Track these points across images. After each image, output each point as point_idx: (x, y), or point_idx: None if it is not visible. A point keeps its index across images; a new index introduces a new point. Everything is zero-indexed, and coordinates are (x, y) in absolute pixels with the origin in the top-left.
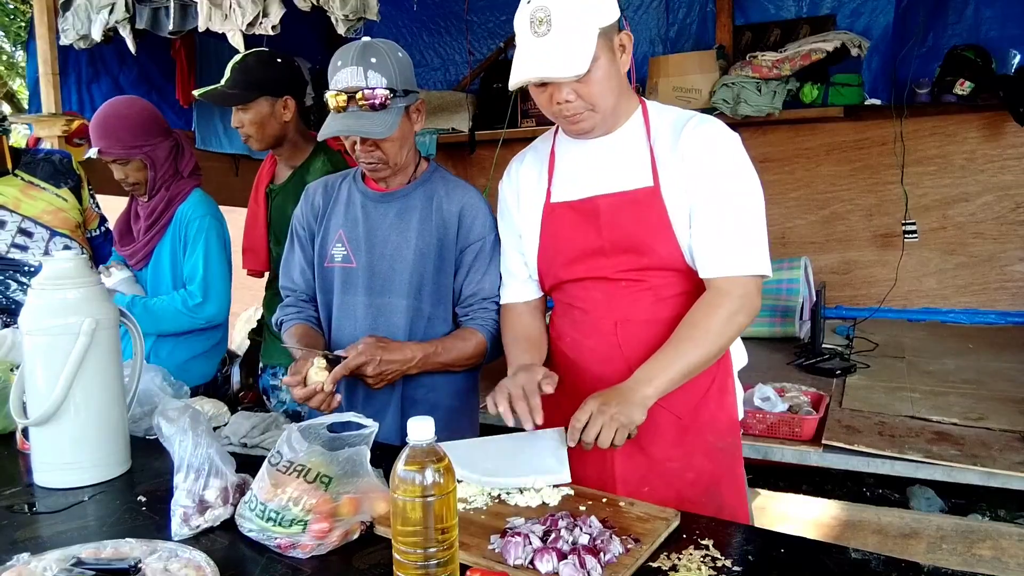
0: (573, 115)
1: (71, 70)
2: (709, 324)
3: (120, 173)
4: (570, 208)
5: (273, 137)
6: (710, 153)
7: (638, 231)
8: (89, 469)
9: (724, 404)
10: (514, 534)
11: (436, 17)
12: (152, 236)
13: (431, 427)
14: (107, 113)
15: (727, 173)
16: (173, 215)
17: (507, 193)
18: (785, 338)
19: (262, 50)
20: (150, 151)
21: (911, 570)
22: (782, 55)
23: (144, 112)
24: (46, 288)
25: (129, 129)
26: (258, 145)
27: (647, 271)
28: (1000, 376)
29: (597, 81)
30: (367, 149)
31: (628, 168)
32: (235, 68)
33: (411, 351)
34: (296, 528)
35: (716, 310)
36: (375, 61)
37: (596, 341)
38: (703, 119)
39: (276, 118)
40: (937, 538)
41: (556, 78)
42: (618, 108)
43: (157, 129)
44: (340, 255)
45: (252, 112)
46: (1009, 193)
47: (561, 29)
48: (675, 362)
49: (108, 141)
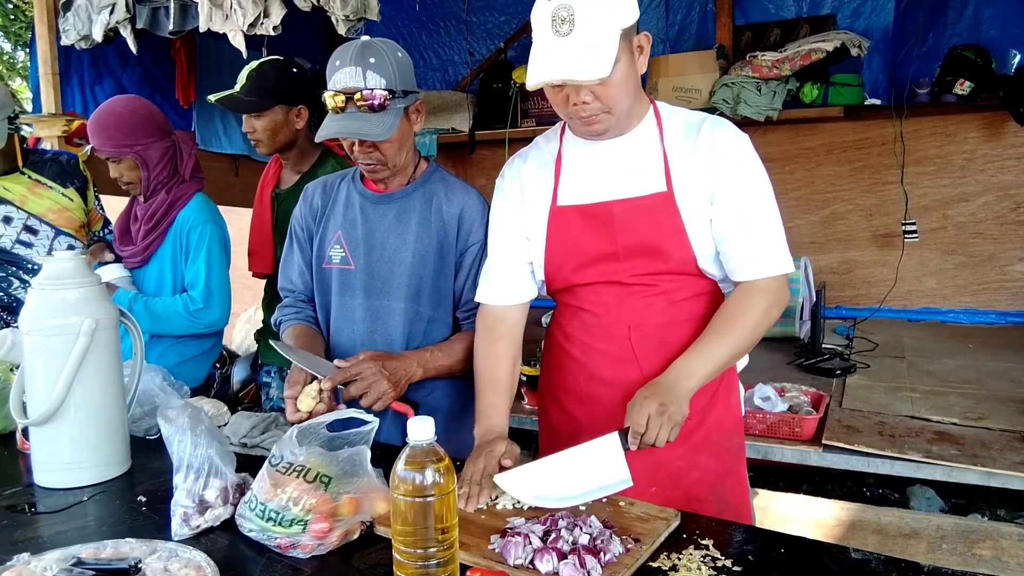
0: (589, 116)
1: (74, 72)
2: (747, 317)
3: (115, 171)
4: (579, 212)
5: (283, 144)
6: (729, 157)
7: (653, 236)
8: (89, 469)
9: (731, 404)
10: (514, 534)
11: (436, 17)
12: (152, 239)
13: (431, 427)
14: (103, 111)
15: (747, 176)
16: (174, 219)
17: (509, 190)
18: (785, 338)
19: (278, 58)
20: (141, 150)
21: (911, 570)
22: (782, 55)
23: (139, 111)
24: (46, 288)
25: (120, 127)
26: (267, 150)
27: (660, 275)
28: (1000, 376)
29: (616, 83)
30: (365, 150)
31: (641, 172)
32: (251, 75)
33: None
34: (296, 528)
35: (752, 303)
36: (374, 61)
37: (608, 345)
38: (717, 122)
39: (289, 126)
40: (937, 538)
41: (580, 81)
42: (631, 110)
43: (151, 129)
44: (338, 256)
45: (266, 119)
46: (1009, 193)
47: (584, 29)
48: (714, 355)
49: (100, 139)
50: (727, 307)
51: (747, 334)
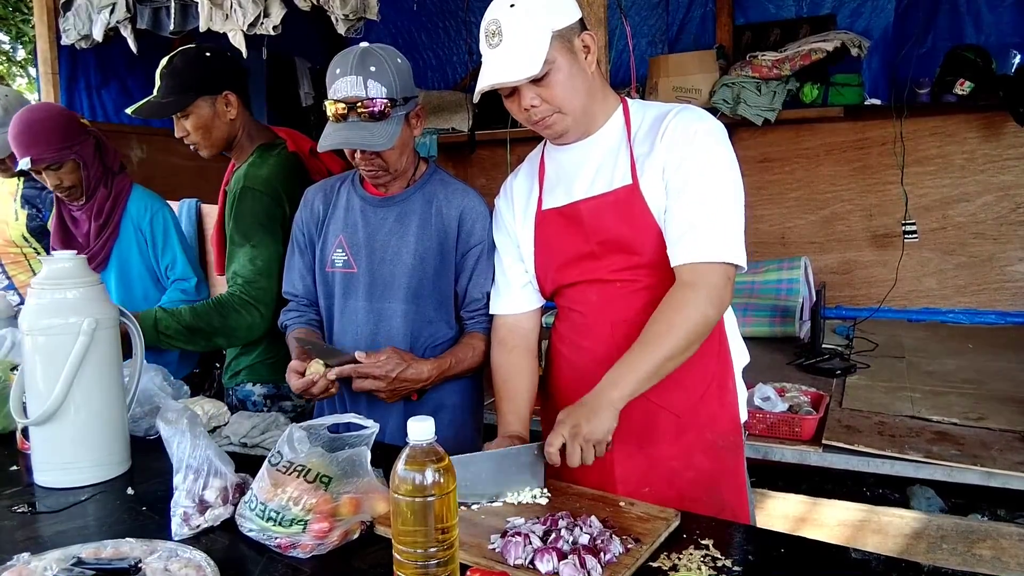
0: (542, 120)
1: (80, 75)
2: (673, 320)
3: (54, 179)
4: (559, 214)
5: (223, 139)
6: (687, 139)
7: (623, 231)
8: (89, 469)
9: (725, 402)
10: (514, 534)
11: (436, 17)
12: (107, 237)
13: (431, 427)
14: (28, 120)
15: (701, 158)
16: (123, 211)
17: (502, 207)
18: (785, 338)
19: (188, 48)
20: (79, 150)
21: (911, 570)
22: (782, 55)
23: (64, 114)
24: (46, 288)
25: (55, 131)
26: (208, 152)
27: (640, 270)
28: (1000, 376)
29: (558, 83)
30: (368, 158)
31: (608, 169)
32: (163, 74)
33: (427, 370)
34: (296, 528)
35: (680, 305)
36: (375, 70)
37: (594, 343)
38: (684, 108)
39: (220, 118)
40: (937, 538)
41: (508, 82)
42: (592, 109)
43: (79, 128)
44: (341, 260)
45: (192, 117)
46: (1009, 193)
47: (511, 37)
48: (641, 363)
49: (39, 148)
50: (657, 311)
51: (675, 337)
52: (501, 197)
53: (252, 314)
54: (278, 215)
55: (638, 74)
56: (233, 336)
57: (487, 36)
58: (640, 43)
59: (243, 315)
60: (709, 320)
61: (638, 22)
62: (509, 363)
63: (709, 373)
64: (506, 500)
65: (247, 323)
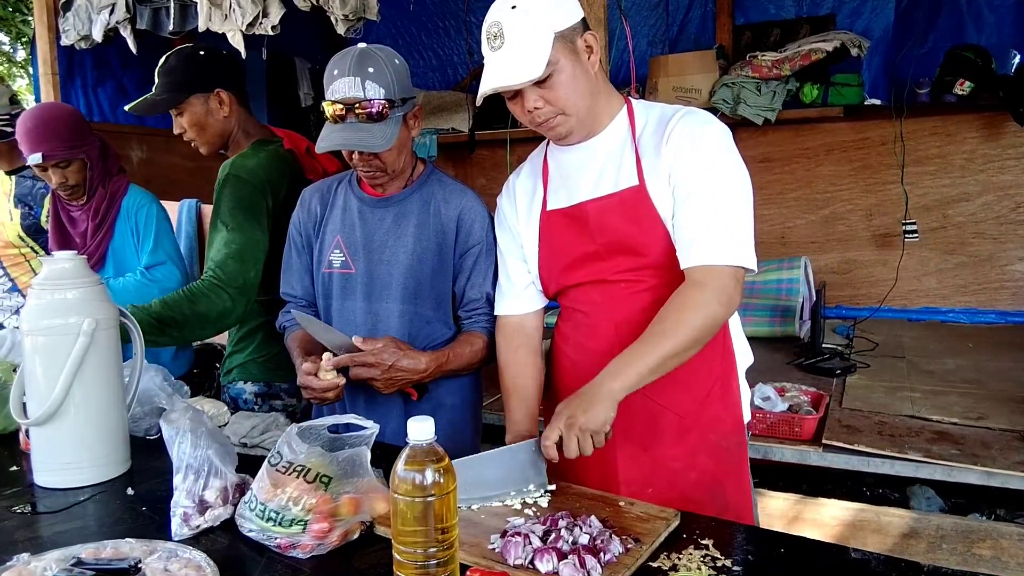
0: (545, 121)
1: (76, 74)
2: (680, 317)
3: (59, 177)
4: (563, 215)
5: (218, 136)
6: (693, 143)
7: (629, 231)
8: (89, 469)
9: (728, 403)
10: (514, 534)
11: (436, 17)
12: (102, 235)
13: (431, 427)
14: (41, 117)
15: (709, 162)
16: (118, 209)
17: (506, 206)
18: (785, 338)
19: (184, 47)
20: (87, 151)
21: (911, 570)
22: (782, 55)
23: (76, 114)
24: (46, 288)
25: (69, 129)
26: (206, 148)
27: (644, 270)
28: (1000, 376)
29: (561, 84)
30: (366, 159)
31: (614, 170)
32: (160, 72)
33: (424, 362)
34: (296, 528)
35: (688, 302)
36: (372, 71)
37: (597, 343)
38: (689, 111)
39: (213, 115)
40: (937, 538)
41: (511, 85)
42: (595, 110)
43: (88, 129)
44: (338, 261)
45: (187, 114)
46: (1009, 193)
47: (513, 39)
48: (644, 356)
49: (51, 144)
50: (664, 306)
51: (681, 334)
52: (504, 196)
53: (221, 297)
54: (261, 205)
55: (638, 74)
56: (206, 323)
57: (488, 38)
58: (640, 43)
59: (212, 299)
60: (717, 319)
61: (638, 22)
62: (516, 362)
63: (713, 374)
64: (507, 503)
65: (218, 308)
